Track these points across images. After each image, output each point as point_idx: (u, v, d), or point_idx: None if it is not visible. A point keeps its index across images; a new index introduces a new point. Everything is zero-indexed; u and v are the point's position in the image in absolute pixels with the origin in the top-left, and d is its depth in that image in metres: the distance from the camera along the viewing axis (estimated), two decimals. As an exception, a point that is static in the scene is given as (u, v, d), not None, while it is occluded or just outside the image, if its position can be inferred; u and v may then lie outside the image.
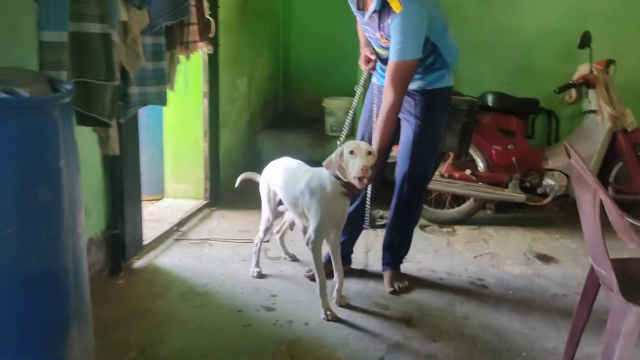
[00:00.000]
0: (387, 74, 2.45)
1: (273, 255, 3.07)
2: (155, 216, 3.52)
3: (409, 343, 2.31)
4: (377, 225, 3.53)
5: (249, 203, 3.87)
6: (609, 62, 3.60)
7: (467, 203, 3.70)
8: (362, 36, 2.73)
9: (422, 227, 3.55)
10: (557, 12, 4.12)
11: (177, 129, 3.79)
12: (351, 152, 2.28)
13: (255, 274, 2.80)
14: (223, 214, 3.75)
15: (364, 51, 2.72)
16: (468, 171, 3.66)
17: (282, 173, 2.58)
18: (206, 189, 3.84)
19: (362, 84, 2.79)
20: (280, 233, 2.98)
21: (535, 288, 2.84)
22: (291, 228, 2.77)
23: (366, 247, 2.91)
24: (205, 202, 3.83)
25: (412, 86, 2.57)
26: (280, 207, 2.68)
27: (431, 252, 3.25)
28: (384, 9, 2.41)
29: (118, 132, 2.39)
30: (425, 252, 3.22)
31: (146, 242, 3.07)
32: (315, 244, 2.44)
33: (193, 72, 3.58)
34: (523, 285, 2.87)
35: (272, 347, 2.25)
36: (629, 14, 4.04)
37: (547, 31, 4.13)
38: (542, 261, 3.18)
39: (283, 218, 2.90)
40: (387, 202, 2.90)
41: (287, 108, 5.48)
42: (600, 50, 3.56)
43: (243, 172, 2.93)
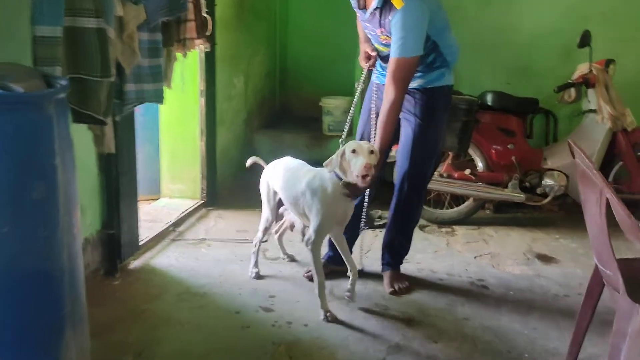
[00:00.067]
0: (388, 71, 2.41)
1: (271, 255, 3.03)
2: (151, 216, 3.48)
3: (410, 344, 2.28)
4: (376, 225, 3.50)
5: (247, 203, 3.85)
6: (609, 62, 3.58)
7: (467, 203, 3.68)
8: (362, 32, 2.69)
9: (421, 228, 3.52)
10: (557, 12, 4.12)
11: (174, 128, 3.75)
12: (353, 151, 2.25)
13: (253, 275, 2.77)
14: (220, 214, 3.71)
15: (364, 47, 2.69)
16: (467, 171, 3.63)
17: (283, 172, 2.55)
18: (203, 189, 3.80)
19: (362, 82, 2.75)
20: (279, 233, 2.94)
21: (536, 288, 2.82)
22: (291, 229, 2.73)
23: (361, 247, 2.87)
24: (202, 202, 3.78)
25: (413, 84, 2.54)
26: (280, 209, 2.65)
27: (431, 253, 3.22)
28: (385, 6, 2.38)
29: (114, 130, 2.35)
30: (424, 253, 3.20)
31: (142, 242, 3.03)
32: (314, 245, 2.41)
33: (190, 70, 3.54)
34: (524, 285, 2.85)
35: (271, 349, 2.21)
36: (628, 14, 4.03)
37: (547, 31, 4.12)
38: (542, 261, 3.16)
39: (282, 218, 2.86)
40: (386, 202, 2.87)
41: (284, 107, 5.44)
42: (599, 49, 3.54)
43: (239, 171, 2.89)
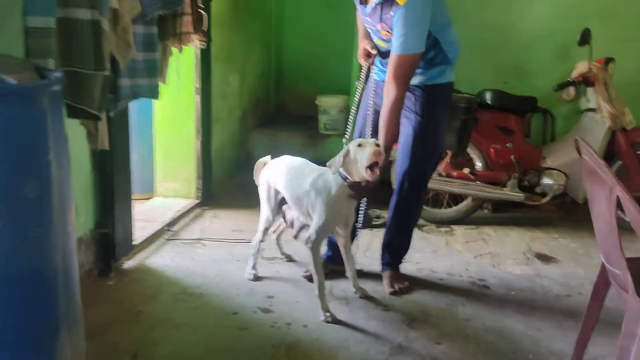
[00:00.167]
0: (389, 68, 2.37)
1: (268, 255, 2.97)
2: (145, 216, 3.41)
3: (412, 345, 2.23)
4: (374, 225, 3.46)
5: (242, 202, 3.80)
6: (608, 60, 3.56)
7: (465, 202, 3.64)
8: (362, 27, 2.65)
9: (420, 227, 3.48)
10: (554, 12, 4.09)
11: (168, 126, 3.68)
12: (359, 145, 2.22)
13: (251, 277, 2.71)
14: (215, 214, 3.65)
15: (363, 44, 2.63)
16: (466, 170, 3.59)
17: (286, 171, 2.50)
18: (198, 188, 3.74)
19: (363, 79, 2.70)
20: (277, 233, 2.89)
21: (537, 288, 2.79)
22: (291, 226, 2.68)
23: (355, 247, 2.82)
24: (196, 202, 3.72)
25: (413, 81, 2.50)
26: (283, 207, 2.60)
27: (430, 252, 3.18)
28: (387, 1, 2.34)
29: (107, 126, 2.28)
30: (424, 252, 3.16)
31: (136, 242, 2.96)
32: (314, 244, 2.36)
33: (185, 68, 3.48)
34: (525, 285, 2.81)
35: (271, 351, 2.16)
36: (627, 13, 4.01)
37: (544, 30, 4.09)
38: (543, 261, 3.13)
39: (281, 217, 2.81)
40: (383, 202, 2.83)
41: (279, 106, 5.39)
42: (597, 49, 3.51)
43: (235, 170, 2.82)
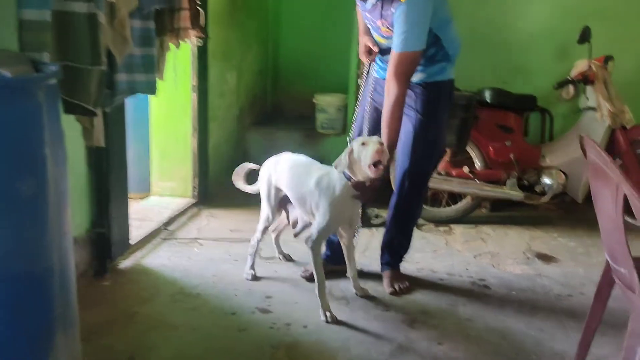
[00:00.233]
0: (390, 66, 2.34)
1: (266, 255, 2.93)
2: (141, 215, 3.36)
3: (414, 346, 2.21)
4: (373, 224, 3.43)
5: (239, 201, 3.74)
6: (608, 58, 3.54)
7: (464, 201, 3.62)
8: (362, 23, 2.61)
9: (419, 226, 3.44)
10: (553, 10, 4.07)
11: (164, 124, 3.64)
12: (363, 144, 2.19)
13: (249, 277, 2.67)
14: (212, 213, 3.61)
15: (364, 40, 2.60)
16: (466, 168, 3.57)
17: (290, 169, 2.47)
18: (194, 187, 3.70)
19: (366, 77, 2.67)
20: (276, 232, 2.85)
21: (538, 288, 2.77)
22: (293, 226, 2.64)
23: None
24: (193, 201, 3.68)
25: (413, 79, 2.46)
26: (288, 206, 2.57)
27: (430, 252, 3.15)
28: (388, -3, 2.31)
29: (103, 123, 2.23)
30: (423, 252, 3.13)
31: (132, 242, 2.92)
32: (315, 244, 2.33)
33: (182, 65, 3.43)
34: (525, 285, 2.79)
35: (270, 352, 2.13)
36: (625, 12, 3.99)
37: (543, 29, 4.08)
38: (543, 261, 3.11)
39: (281, 216, 2.77)
40: (382, 201, 2.79)
41: (276, 105, 5.34)
42: (596, 47, 3.49)
43: (231, 169, 2.78)
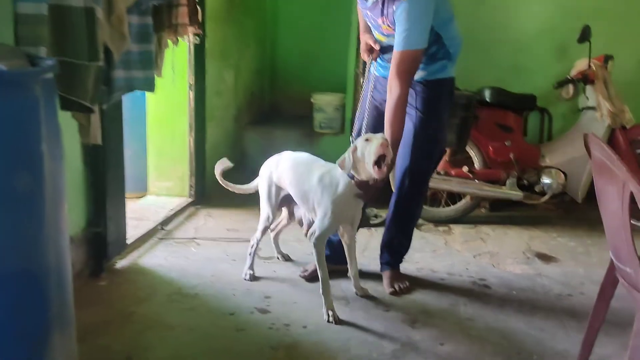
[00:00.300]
0: (392, 65, 2.32)
1: (265, 255, 2.90)
2: (138, 214, 3.32)
3: (415, 347, 2.18)
4: (372, 224, 3.40)
5: (237, 201, 3.71)
6: (607, 58, 3.53)
7: (463, 201, 3.59)
8: (362, 21, 2.59)
9: (418, 226, 3.40)
10: (552, 10, 4.07)
11: (161, 123, 3.60)
12: (366, 140, 2.17)
13: (247, 277, 2.64)
14: (209, 212, 3.57)
15: (365, 38, 2.58)
16: (465, 168, 3.55)
17: (292, 167, 2.44)
18: (191, 186, 3.66)
19: (366, 76, 2.64)
20: (275, 231, 2.82)
21: (538, 288, 2.75)
22: (300, 224, 2.62)
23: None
24: (190, 200, 3.64)
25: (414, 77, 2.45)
26: (293, 204, 2.56)
27: (429, 252, 3.13)
28: (389, -5, 2.28)
29: (100, 120, 2.19)
30: (423, 252, 3.10)
31: (129, 242, 2.88)
32: (318, 241, 2.31)
33: (178, 63, 3.38)
34: (525, 285, 2.77)
35: (269, 353, 2.10)
36: (624, 11, 3.98)
37: (541, 28, 4.07)
38: (543, 260, 3.09)
39: (280, 216, 2.74)
40: (381, 201, 2.75)
41: (273, 105, 5.31)
42: (595, 46, 3.48)
43: (229, 169, 2.74)
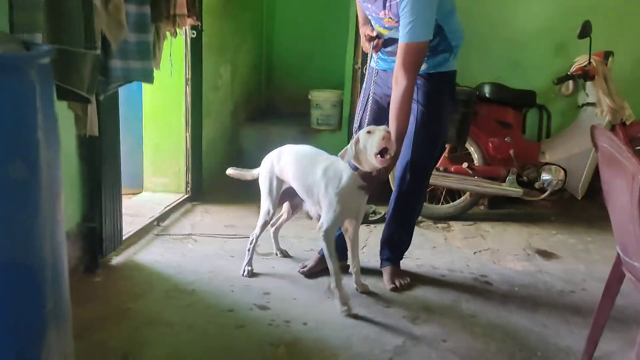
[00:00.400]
0: (398, 57, 2.29)
1: (263, 251, 2.86)
2: (133, 211, 3.27)
3: (418, 343, 2.14)
4: (370, 220, 3.37)
5: (234, 197, 3.69)
6: (608, 54, 3.51)
7: (463, 198, 3.57)
8: (361, 14, 2.55)
9: (417, 223, 3.36)
10: (550, 6, 4.05)
11: (157, 118, 3.55)
12: (368, 132, 2.14)
13: (246, 273, 2.59)
14: (206, 209, 3.53)
15: (364, 30, 2.54)
16: (464, 165, 3.52)
17: (296, 160, 2.41)
18: (188, 182, 3.61)
19: (367, 69, 2.60)
20: (275, 227, 2.77)
21: (540, 284, 2.73)
22: (309, 217, 2.59)
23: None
24: (186, 196, 3.60)
25: (415, 70, 2.41)
26: (297, 198, 2.53)
27: (429, 249, 3.10)
28: (391, -13, 2.24)
29: (97, 112, 2.14)
30: (422, 249, 3.07)
31: (124, 237, 2.83)
32: (327, 233, 2.29)
33: (176, 57, 3.34)
34: (527, 281, 2.75)
35: (270, 350, 2.05)
36: (622, 7, 3.97)
37: (540, 25, 4.05)
38: (543, 257, 3.07)
39: (280, 211, 2.70)
40: (380, 197, 2.72)
41: (270, 101, 5.27)
42: (594, 43, 3.45)
43: (226, 165, 2.70)
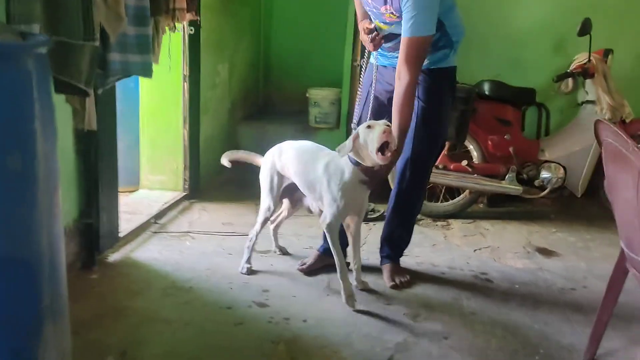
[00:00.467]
0: (401, 52, 2.27)
1: (262, 248, 2.83)
2: (130, 208, 3.24)
3: (419, 341, 2.12)
4: (369, 218, 3.35)
5: (231, 195, 3.67)
6: (607, 52, 3.50)
7: (462, 196, 3.55)
8: (360, 9, 2.52)
9: (416, 221, 3.36)
10: (549, 3, 4.04)
11: (155, 115, 3.51)
12: (368, 127, 2.12)
13: (244, 270, 2.57)
14: (204, 206, 3.50)
15: (364, 24, 2.50)
16: (464, 162, 3.50)
17: (297, 156, 2.39)
18: (185, 180, 3.58)
19: (366, 65, 2.57)
20: (275, 223, 2.75)
21: (540, 282, 2.71)
22: (310, 211, 2.56)
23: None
24: (184, 194, 3.56)
25: (415, 65, 2.39)
26: (297, 193, 2.51)
27: (429, 246, 3.08)
28: (394, -18, 2.22)
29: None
30: (422, 246, 3.05)
31: (121, 235, 2.80)
32: (330, 227, 2.28)
33: (174, 53, 3.30)
34: (528, 279, 2.73)
35: (270, 347, 2.03)
36: (621, 5, 3.96)
37: (539, 23, 4.04)
38: (543, 255, 3.05)
39: (281, 207, 2.68)
40: (378, 195, 2.69)
41: (267, 99, 5.24)
42: (594, 41, 3.43)
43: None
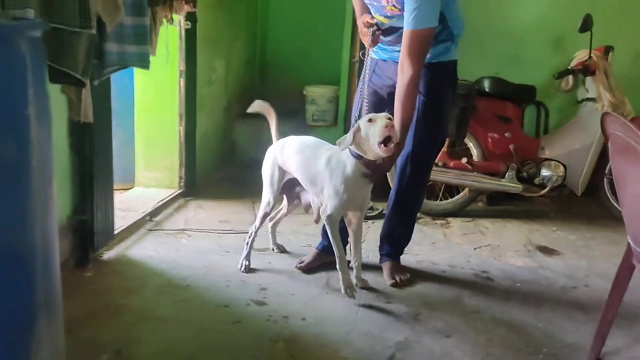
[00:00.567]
0: (403, 45, 2.23)
1: (259, 246, 2.78)
2: (125, 205, 3.19)
3: (420, 339, 2.08)
4: (368, 216, 3.31)
5: (228, 193, 3.62)
6: (608, 49, 3.48)
7: (462, 194, 3.51)
8: (358, 4, 2.47)
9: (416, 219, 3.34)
10: (547, 1, 4.03)
11: (150, 111, 3.46)
12: (370, 120, 2.08)
13: (243, 268, 2.52)
14: (200, 204, 3.45)
15: (363, 18, 2.46)
16: (464, 160, 3.47)
17: (299, 151, 2.35)
18: (181, 177, 3.53)
19: (365, 59, 2.53)
20: (274, 220, 2.70)
21: (541, 280, 2.68)
22: (306, 211, 2.53)
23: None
24: (179, 191, 3.51)
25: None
26: (297, 189, 2.47)
27: (428, 245, 3.04)
28: (394, -26, 2.19)
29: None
30: (421, 245, 3.01)
31: (116, 232, 2.75)
32: (331, 218, 2.24)
33: (171, 48, 3.25)
34: (529, 277, 2.70)
35: (268, 346, 1.98)
36: (621, 3, 3.95)
37: (539, 20, 4.02)
38: (544, 253, 3.02)
39: (280, 204, 2.63)
40: (377, 192, 2.64)
41: (264, 97, 5.10)
42: (594, 38, 3.41)
43: (219, 161, 2.63)
